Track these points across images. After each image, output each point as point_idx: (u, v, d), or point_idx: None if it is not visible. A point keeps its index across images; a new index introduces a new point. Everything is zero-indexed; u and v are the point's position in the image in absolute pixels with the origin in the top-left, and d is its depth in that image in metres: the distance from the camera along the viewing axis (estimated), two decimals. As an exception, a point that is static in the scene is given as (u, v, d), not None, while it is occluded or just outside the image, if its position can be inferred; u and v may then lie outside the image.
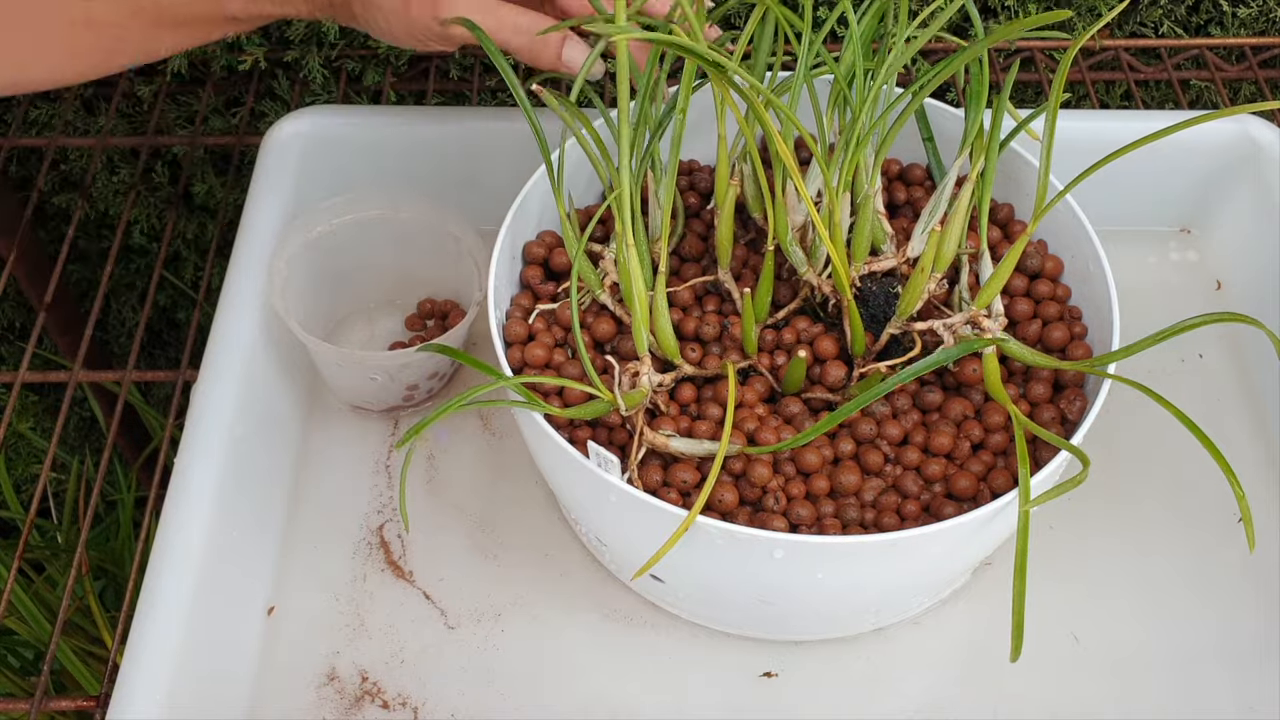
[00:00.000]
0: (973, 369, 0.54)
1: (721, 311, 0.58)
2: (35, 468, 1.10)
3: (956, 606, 0.60)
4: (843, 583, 0.51)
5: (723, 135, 0.55)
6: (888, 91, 0.58)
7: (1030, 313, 0.58)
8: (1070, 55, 0.48)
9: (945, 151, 0.64)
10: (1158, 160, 0.69)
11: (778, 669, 0.57)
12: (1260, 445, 0.66)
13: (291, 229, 0.64)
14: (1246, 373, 0.69)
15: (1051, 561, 0.60)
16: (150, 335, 1.10)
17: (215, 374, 0.61)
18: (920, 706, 0.56)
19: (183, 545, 0.55)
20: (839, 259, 0.53)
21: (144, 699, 0.51)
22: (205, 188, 0.94)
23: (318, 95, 0.87)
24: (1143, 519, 0.63)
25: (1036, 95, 0.88)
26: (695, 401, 0.56)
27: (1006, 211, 0.62)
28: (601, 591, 0.60)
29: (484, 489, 0.64)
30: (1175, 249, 0.76)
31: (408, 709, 0.56)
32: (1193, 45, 0.85)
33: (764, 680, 0.57)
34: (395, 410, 0.66)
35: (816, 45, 0.57)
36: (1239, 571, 0.60)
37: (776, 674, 0.57)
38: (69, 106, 0.87)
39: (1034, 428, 0.50)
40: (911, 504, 0.52)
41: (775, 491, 0.52)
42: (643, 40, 0.55)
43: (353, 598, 0.60)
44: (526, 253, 0.61)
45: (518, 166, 0.60)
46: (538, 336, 0.57)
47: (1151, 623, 0.59)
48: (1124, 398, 0.53)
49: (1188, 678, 0.57)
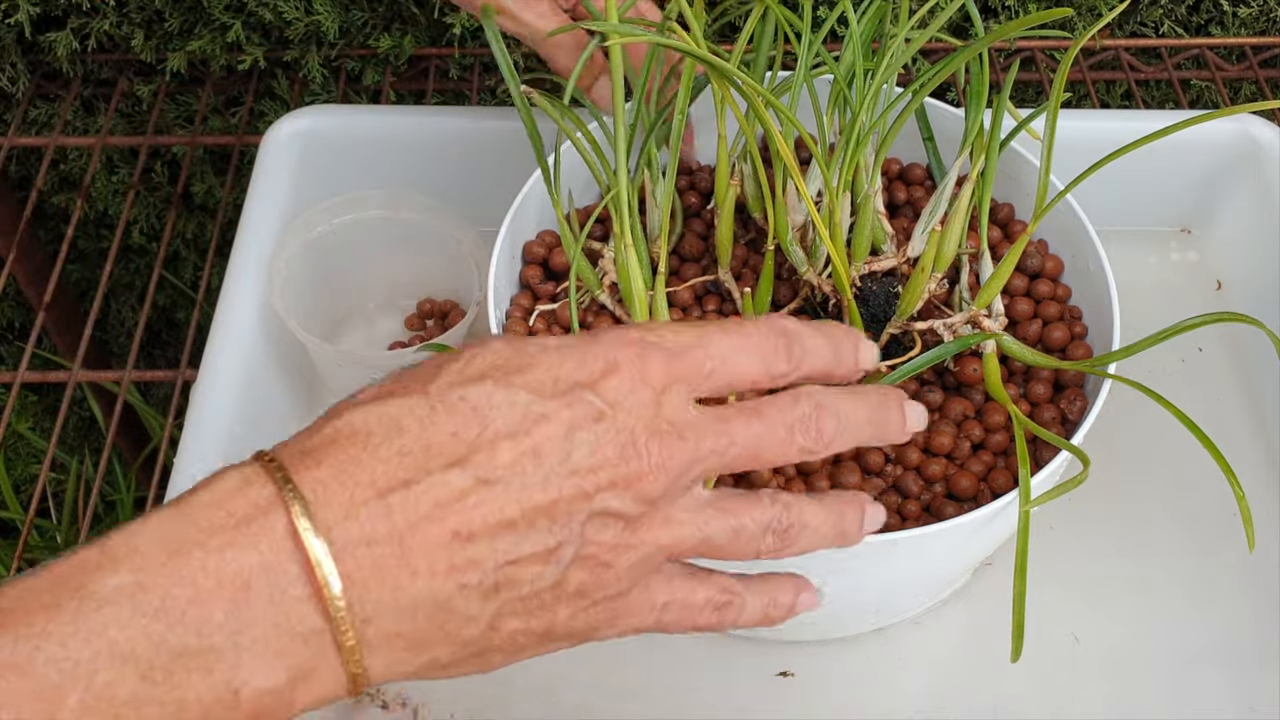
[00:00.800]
0: (973, 369, 0.54)
1: (721, 311, 0.58)
2: (35, 468, 1.10)
3: (956, 606, 0.60)
4: (843, 583, 0.51)
5: (723, 135, 0.55)
6: (888, 91, 0.58)
7: (1030, 312, 0.58)
8: (1071, 55, 0.48)
9: (945, 151, 0.63)
10: (1158, 160, 0.69)
11: (778, 669, 0.57)
12: (1260, 445, 0.66)
13: (291, 229, 0.64)
14: (1246, 373, 0.69)
15: (1051, 561, 0.60)
16: (150, 335, 1.10)
17: (215, 374, 0.61)
18: (920, 706, 0.56)
19: (182, 545, 0.55)
20: (839, 259, 0.53)
21: (144, 699, 0.51)
22: (205, 187, 0.94)
23: (317, 95, 0.87)
24: (1143, 519, 0.63)
25: (1037, 95, 0.88)
26: (695, 401, 0.56)
27: (1007, 211, 0.62)
28: (601, 591, 0.60)
29: (484, 489, 0.64)
30: (1175, 249, 0.76)
31: (408, 709, 0.56)
32: (1193, 45, 0.85)
33: (763, 680, 0.57)
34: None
35: (816, 45, 0.57)
36: (1239, 571, 0.60)
37: (793, 673, 0.57)
38: (68, 106, 0.87)
39: (1034, 428, 0.50)
40: (912, 504, 0.52)
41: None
42: (641, 41, 0.55)
43: (352, 598, 0.59)
44: (526, 252, 0.61)
45: (518, 166, 0.60)
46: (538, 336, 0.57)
47: (1151, 623, 0.59)
48: (1124, 398, 0.52)
49: (1187, 678, 0.57)
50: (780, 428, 0.37)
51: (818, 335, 0.39)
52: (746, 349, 0.37)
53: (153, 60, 0.86)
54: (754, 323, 0.38)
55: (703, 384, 0.36)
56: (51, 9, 0.84)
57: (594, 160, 0.57)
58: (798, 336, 0.38)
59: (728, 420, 0.36)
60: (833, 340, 0.39)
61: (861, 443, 0.40)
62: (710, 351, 0.36)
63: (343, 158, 0.72)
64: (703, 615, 0.39)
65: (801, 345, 0.38)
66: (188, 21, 0.84)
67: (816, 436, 0.38)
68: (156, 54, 0.86)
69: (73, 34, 0.84)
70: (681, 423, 0.35)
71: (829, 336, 0.39)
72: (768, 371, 0.37)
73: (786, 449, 0.37)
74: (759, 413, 0.37)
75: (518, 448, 0.33)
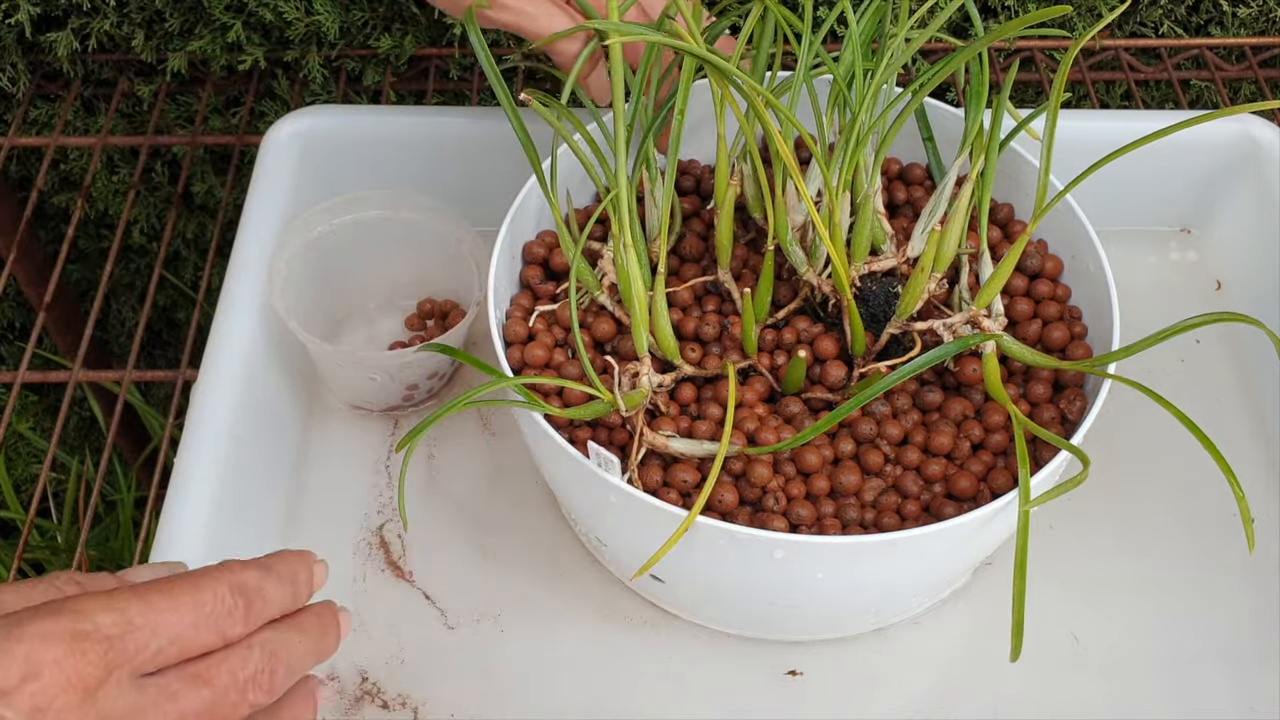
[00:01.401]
0: (973, 369, 0.54)
1: (721, 311, 0.58)
2: (35, 468, 1.10)
3: (956, 606, 0.60)
4: (843, 583, 0.51)
5: (722, 135, 0.55)
6: (887, 91, 0.58)
7: (1030, 313, 0.58)
8: (1071, 55, 0.48)
9: (945, 151, 0.63)
10: (1158, 160, 0.69)
11: (777, 669, 0.57)
12: (1260, 445, 0.66)
13: (291, 229, 0.64)
14: (1246, 373, 0.69)
15: (1051, 561, 0.60)
16: (150, 335, 1.10)
17: (215, 374, 0.61)
18: (920, 707, 0.56)
19: (183, 545, 0.55)
20: (839, 259, 0.53)
21: (144, 699, 0.51)
22: (205, 187, 0.94)
23: (318, 95, 0.87)
24: (1143, 519, 0.63)
25: (1036, 95, 0.88)
26: (695, 401, 0.56)
27: (1006, 211, 0.62)
28: (601, 592, 0.60)
29: (484, 489, 0.64)
30: (1175, 249, 0.76)
31: (408, 709, 0.56)
32: (1193, 45, 0.85)
33: (763, 680, 0.57)
34: (395, 410, 0.66)
35: (816, 45, 0.57)
36: (1239, 572, 0.60)
37: (801, 672, 0.57)
38: (68, 106, 0.87)
39: (1034, 428, 0.50)
40: (912, 504, 0.52)
41: (775, 491, 0.52)
42: (641, 41, 0.55)
43: (353, 598, 0.60)
44: (526, 252, 0.61)
45: (518, 166, 0.60)
46: (538, 336, 0.57)
47: (1151, 623, 0.59)
48: (1124, 398, 0.53)
49: (1188, 678, 0.57)
50: (232, 691, 0.35)
51: (276, 581, 0.38)
52: (200, 622, 0.35)
53: (153, 60, 0.86)
54: (210, 585, 0.35)
55: (149, 664, 0.34)
56: (52, 9, 0.84)
57: (592, 162, 0.57)
58: (258, 592, 0.37)
59: (175, 697, 0.34)
60: (291, 579, 0.38)
61: (306, 671, 0.39)
62: (157, 631, 0.34)
63: (343, 158, 0.72)
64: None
65: (262, 599, 0.37)
66: (188, 22, 0.84)
67: (269, 689, 0.36)
68: (157, 54, 0.86)
69: (73, 34, 0.84)
70: (121, 712, 0.33)
71: (286, 578, 0.38)
72: (223, 637, 0.36)
73: (238, 709, 0.36)
74: (209, 680, 0.35)
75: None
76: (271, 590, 0.37)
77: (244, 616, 0.36)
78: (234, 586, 0.36)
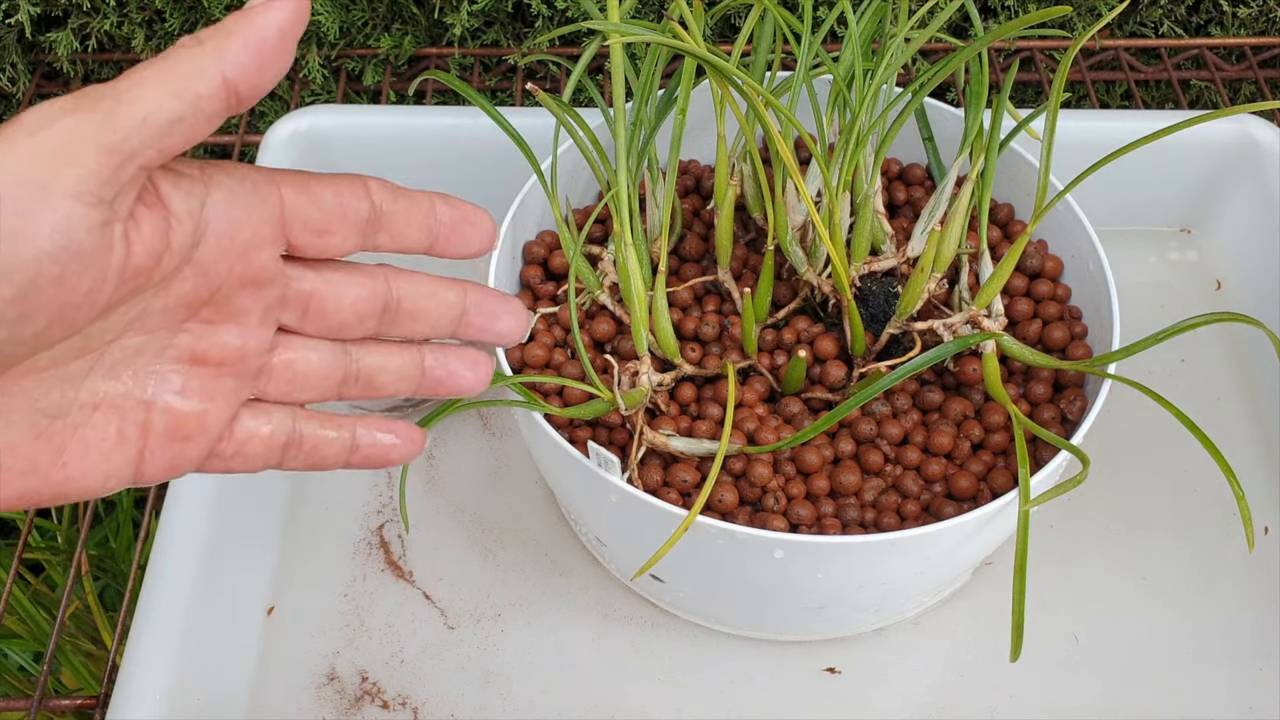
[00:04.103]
0: (973, 369, 0.54)
1: (721, 311, 0.58)
2: (35, 467, 1.10)
3: (956, 606, 0.60)
4: (843, 583, 0.51)
5: (722, 135, 0.55)
6: (887, 91, 0.58)
7: (1030, 312, 0.58)
8: (1071, 55, 0.48)
9: (945, 151, 0.64)
10: (1158, 160, 0.69)
11: (778, 669, 0.57)
12: (1260, 445, 0.66)
13: (291, 229, 0.64)
14: (1246, 373, 0.69)
15: (1051, 561, 0.60)
16: (150, 335, 1.09)
17: (215, 374, 0.61)
18: (920, 706, 0.56)
19: (183, 545, 0.55)
20: (839, 259, 0.53)
21: (144, 699, 0.51)
22: (205, 187, 0.94)
23: (317, 95, 0.87)
24: (1143, 519, 0.63)
25: (1036, 95, 0.88)
26: (695, 401, 0.56)
27: (1006, 211, 0.62)
28: (601, 591, 0.60)
29: (484, 489, 0.64)
30: (1175, 249, 0.76)
31: (408, 709, 0.56)
32: (1193, 45, 0.85)
33: (762, 680, 0.57)
34: (395, 410, 0.66)
35: (815, 45, 0.57)
36: (1239, 571, 0.61)
37: (840, 670, 0.57)
38: (69, 106, 0.87)
39: (1034, 428, 0.50)
40: (911, 504, 0.52)
41: (775, 491, 0.52)
42: (640, 40, 0.55)
43: (352, 598, 0.60)
44: (526, 253, 0.61)
45: (518, 166, 0.60)
46: (537, 336, 0.57)
47: (1151, 623, 0.59)
48: (1124, 397, 0.53)
49: (1188, 677, 0.57)
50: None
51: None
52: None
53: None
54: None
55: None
56: (52, 8, 0.84)
57: (595, 160, 0.57)
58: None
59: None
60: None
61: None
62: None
63: (343, 158, 0.72)
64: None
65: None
66: (188, 21, 0.84)
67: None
68: (157, 54, 0.86)
69: (73, 34, 0.84)
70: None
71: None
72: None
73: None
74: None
75: None
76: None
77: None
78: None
